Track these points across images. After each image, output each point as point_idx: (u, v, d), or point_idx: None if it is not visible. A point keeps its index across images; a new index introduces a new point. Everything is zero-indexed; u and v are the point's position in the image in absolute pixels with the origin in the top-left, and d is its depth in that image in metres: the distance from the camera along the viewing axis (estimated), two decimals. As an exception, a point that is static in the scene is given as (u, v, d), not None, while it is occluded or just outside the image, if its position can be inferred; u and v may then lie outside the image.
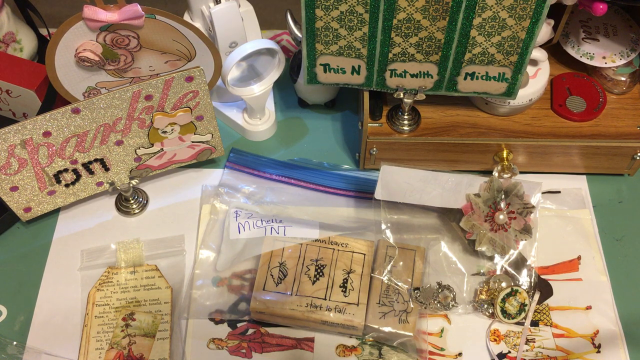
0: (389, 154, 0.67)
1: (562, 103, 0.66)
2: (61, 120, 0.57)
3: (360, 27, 0.56)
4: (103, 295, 0.61)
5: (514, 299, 0.60)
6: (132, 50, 0.62)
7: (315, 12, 0.55)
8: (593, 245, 0.65)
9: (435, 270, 0.62)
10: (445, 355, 0.59)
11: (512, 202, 0.61)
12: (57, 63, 0.60)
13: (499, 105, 0.65)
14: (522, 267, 0.62)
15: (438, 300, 0.60)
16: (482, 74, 0.60)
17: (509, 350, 0.59)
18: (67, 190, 0.64)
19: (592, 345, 0.59)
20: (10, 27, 0.71)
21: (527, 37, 0.56)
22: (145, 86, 0.58)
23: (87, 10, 0.57)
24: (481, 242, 0.61)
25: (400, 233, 0.63)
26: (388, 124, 0.65)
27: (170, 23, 0.60)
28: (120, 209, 0.67)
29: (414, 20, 0.55)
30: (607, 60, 0.66)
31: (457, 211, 0.62)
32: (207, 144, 0.67)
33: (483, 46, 0.57)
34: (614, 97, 0.68)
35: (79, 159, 0.62)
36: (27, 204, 0.63)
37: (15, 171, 0.59)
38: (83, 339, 0.58)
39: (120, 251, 0.63)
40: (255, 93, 0.68)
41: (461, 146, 0.65)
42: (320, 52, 0.59)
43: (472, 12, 0.54)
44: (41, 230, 0.66)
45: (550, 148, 0.66)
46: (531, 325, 0.60)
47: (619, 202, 0.69)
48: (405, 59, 0.59)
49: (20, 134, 0.57)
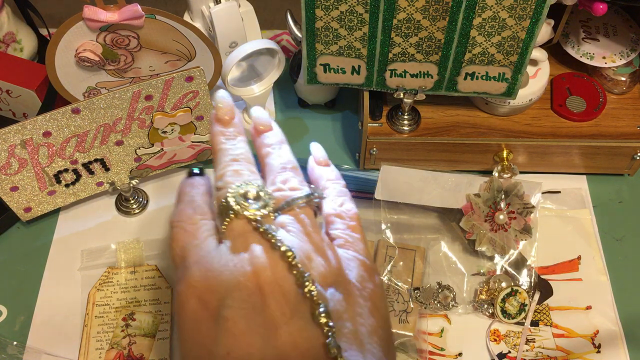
0: (389, 154, 0.67)
1: (562, 103, 0.66)
2: (61, 120, 0.58)
3: (360, 27, 0.56)
4: (103, 295, 0.61)
5: (514, 299, 0.60)
6: (132, 50, 0.62)
7: (315, 12, 0.55)
8: (593, 245, 0.65)
9: (435, 270, 0.62)
10: (445, 355, 0.59)
11: (512, 202, 0.61)
12: (57, 63, 0.60)
13: (499, 105, 0.65)
14: (522, 267, 0.62)
15: (438, 300, 0.60)
16: (482, 74, 0.60)
17: (509, 350, 0.59)
18: (67, 190, 0.64)
19: (592, 345, 0.59)
20: (10, 27, 0.70)
21: (527, 37, 0.56)
22: (145, 86, 0.58)
23: (87, 10, 0.57)
24: (481, 242, 0.61)
25: (400, 233, 0.63)
26: (388, 124, 0.65)
27: (170, 23, 0.60)
28: (120, 209, 0.67)
29: (414, 20, 0.55)
30: (607, 60, 0.66)
31: (457, 211, 0.62)
32: (208, 144, 0.67)
33: (483, 46, 0.57)
34: (614, 97, 0.68)
35: (79, 159, 0.62)
36: (27, 204, 0.63)
37: (15, 171, 0.59)
38: (83, 339, 0.58)
39: (120, 251, 0.63)
40: (255, 93, 0.68)
41: (461, 146, 0.65)
42: (320, 52, 0.59)
43: (472, 12, 0.54)
44: (41, 230, 0.66)
45: (550, 148, 0.66)
46: (531, 325, 0.60)
47: (619, 202, 0.69)
48: (405, 59, 0.59)
49: (20, 134, 0.57)
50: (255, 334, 0.26)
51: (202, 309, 0.28)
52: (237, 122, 0.37)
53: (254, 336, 0.26)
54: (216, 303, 0.27)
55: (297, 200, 0.32)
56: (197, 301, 0.28)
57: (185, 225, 0.32)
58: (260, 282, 0.27)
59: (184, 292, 0.28)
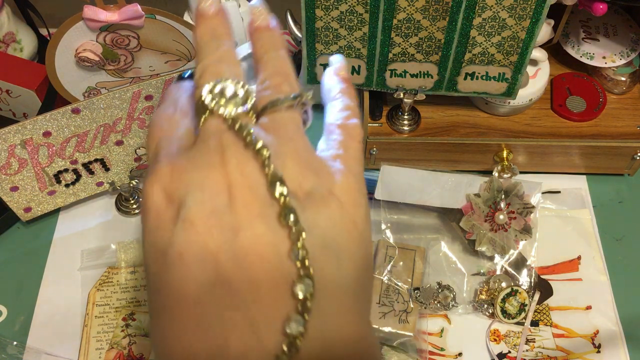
0: (389, 154, 0.67)
1: (562, 103, 0.66)
2: (61, 120, 0.58)
3: (360, 27, 0.56)
4: (103, 295, 0.61)
5: (514, 299, 0.60)
6: (132, 50, 0.62)
7: (315, 12, 0.55)
8: (593, 245, 0.65)
9: (435, 270, 0.62)
10: (445, 355, 0.59)
11: (512, 202, 0.61)
12: (57, 63, 0.60)
13: (499, 105, 0.65)
14: (522, 267, 0.62)
15: (438, 300, 0.60)
16: (482, 74, 0.60)
17: (509, 350, 0.59)
18: (67, 190, 0.64)
19: (592, 345, 0.59)
20: (10, 27, 0.70)
21: (527, 37, 0.56)
22: (145, 86, 0.58)
23: (87, 10, 0.57)
24: (481, 242, 0.61)
25: (400, 233, 0.63)
26: (388, 124, 0.65)
27: (170, 23, 0.60)
28: (120, 209, 0.67)
29: (414, 20, 0.55)
30: (607, 60, 0.66)
31: (457, 211, 0.62)
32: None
33: (483, 46, 0.57)
34: (614, 97, 0.68)
35: (79, 159, 0.62)
36: (27, 204, 0.63)
37: (15, 171, 0.59)
38: (83, 339, 0.58)
39: (120, 251, 0.63)
40: (255, 93, 0.68)
41: (461, 146, 0.65)
42: (320, 52, 0.59)
43: (472, 12, 0.54)
44: (41, 230, 0.66)
45: (550, 148, 0.66)
46: (531, 325, 0.60)
47: (619, 202, 0.69)
48: (405, 59, 0.59)
49: (20, 134, 0.57)
50: (213, 237, 0.24)
51: (164, 205, 0.26)
52: (225, 22, 0.33)
53: (211, 239, 0.24)
54: (177, 200, 0.25)
55: (283, 102, 0.29)
56: (160, 196, 0.26)
57: (163, 123, 0.29)
58: (228, 182, 0.25)
59: (149, 185, 0.26)
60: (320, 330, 0.24)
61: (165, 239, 0.25)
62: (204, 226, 0.24)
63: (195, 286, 0.24)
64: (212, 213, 0.25)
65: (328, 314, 0.25)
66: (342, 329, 0.25)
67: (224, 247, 0.24)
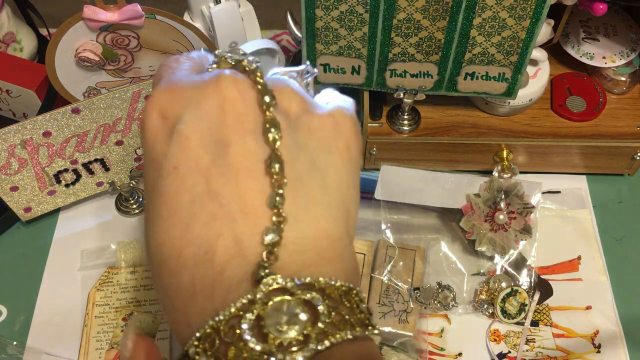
0: (389, 154, 0.67)
1: (562, 103, 0.66)
2: (61, 120, 0.58)
3: (360, 27, 0.56)
4: (103, 295, 0.61)
5: (514, 299, 0.60)
6: (132, 50, 0.62)
7: (315, 12, 0.55)
8: (593, 245, 0.65)
9: (435, 270, 0.62)
10: (445, 355, 0.59)
11: (512, 202, 0.61)
12: (57, 63, 0.60)
13: (499, 105, 0.65)
14: (522, 267, 0.62)
15: (438, 300, 0.60)
16: (482, 74, 0.60)
17: (509, 350, 0.59)
18: (67, 190, 0.64)
19: (592, 345, 0.59)
20: (10, 27, 0.70)
21: (527, 37, 0.56)
22: (145, 86, 0.58)
23: (87, 10, 0.57)
24: (481, 242, 0.61)
25: (400, 233, 0.63)
26: (388, 124, 0.65)
27: (170, 23, 0.60)
28: (120, 209, 0.67)
29: (414, 20, 0.55)
30: (607, 60, 0.66)
31: (457, 211, 0.62)
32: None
33: (483, 46, 0.57)
34: (614, 97, 0.68)
35: (79, 159, 0.62)
36: (27, 204, 0.63)
37: (15, 171, 0.59)
38: (83, 339, 0.58)
39: (120, 251, 0.63)
40: (255, 93, 0.68)
41: (461, 146, 0.65)
42: (320, 52, 0.59)
43: (472, 12, 0.54)
44: (41, 230, 0.66)
45: (550, 148, 0.66)
46: (531, 325, 0.60)
47: (619, 202, 0.69)
48: (405, 59, 0.59)
49: (20, 134, 0.57)
50: (205, 151, 0.26)
51: (161, 122, 0.27)
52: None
53: (204, 153, 0.26)
54: (174, 118, 0.27)
55: (291, 73, 0.31)
56: (157, 115, 0.27)
57: (170, 63, 0.31)
58: (222, 99, 0.27)
59: (148, 106, 0.28)
60: (295, 237, 0.26)
61: (162, 152, 0.27)
62: (198, 140, 0.26)
63: (188, 196, 0.26)
64: (205, 128, 0.26)
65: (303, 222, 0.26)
66: (316, 234, 0.27)
67: (216, 162, 0.26)
